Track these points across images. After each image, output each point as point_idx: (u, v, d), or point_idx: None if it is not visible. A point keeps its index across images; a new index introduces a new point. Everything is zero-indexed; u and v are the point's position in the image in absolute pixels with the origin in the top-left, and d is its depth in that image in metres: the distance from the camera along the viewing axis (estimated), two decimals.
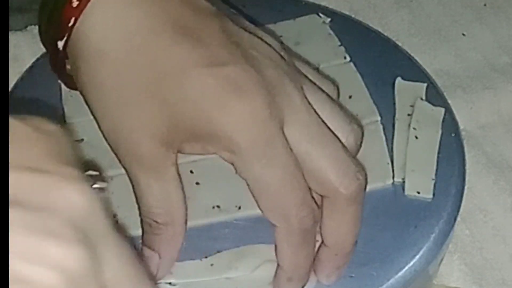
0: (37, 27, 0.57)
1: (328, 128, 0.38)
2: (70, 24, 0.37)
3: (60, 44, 0.37)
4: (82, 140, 0.44)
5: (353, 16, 0.56)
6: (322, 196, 0.37)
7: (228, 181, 0.42)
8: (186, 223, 0.38)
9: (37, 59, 0.49)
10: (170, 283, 0.38)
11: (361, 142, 0.40)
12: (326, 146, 0.37)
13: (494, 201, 0.50)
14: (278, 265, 0.38)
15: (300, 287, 0.38)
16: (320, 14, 0.51)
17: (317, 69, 0.43)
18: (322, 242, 0.38)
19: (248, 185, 0.37)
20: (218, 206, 0.41)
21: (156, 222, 0.37)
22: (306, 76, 0.40)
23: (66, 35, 0.37)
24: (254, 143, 0.36)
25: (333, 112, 0.39)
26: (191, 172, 0.42)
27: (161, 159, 0.37)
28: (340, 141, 0.38)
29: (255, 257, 0.39)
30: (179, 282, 0.38)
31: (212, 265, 0.39)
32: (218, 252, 0.39)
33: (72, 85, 0.41)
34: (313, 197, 0.37)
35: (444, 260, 0.44)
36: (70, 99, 0.46)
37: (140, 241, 0.40)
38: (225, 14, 0.39)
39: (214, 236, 0.40)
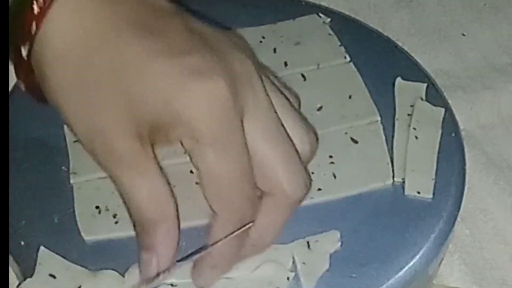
0: None
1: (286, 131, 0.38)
2: (32, 31, 0.36)
3: (24, 51, 0.37)
4: None
5: (353, 16, 0.56)
6: (263, 192, 0.37)
7: None
8: (178, 217, 0.37)
9: None
10: (171, 284, 0.38)
11: (313, 155, 0.40)
12: (281, 147, 0.37)
13: (494, 201, 0.50)
14: (205, 249, 0.37)
15: (220, 275, 0.38)
16: (320, 14, 0.51)
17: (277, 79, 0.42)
18: None
19: (199, 173, 0.36)
20: None
21: (148, 221, 0.36)
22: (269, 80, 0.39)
23: (29, 42, 0.36)
24: (215, 131, 0.35)
25: (292, 118, 0.39)
26: (191, 172, 0.42)
27: (138, 154, 0.36)
28: (295, 146, 0.38)
29: (255, 257, 0.39)
30: (180, 282, 0.38)
31: None
32: None
33: (39, 97, 0.40)
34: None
35: (444, 260, 0.44)
36: None
37: None
38: (187, 13, 0.39)
39: None
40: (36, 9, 0.35)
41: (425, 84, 0.47)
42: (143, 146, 0.36)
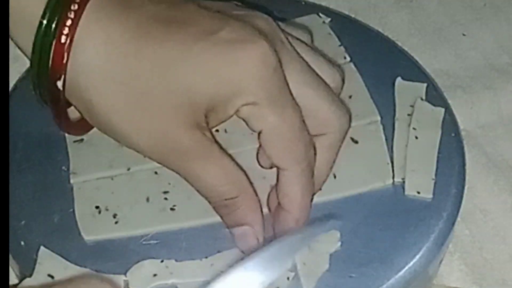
0: None
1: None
2: (64, 61, 0.36)
3: (60, 83, 0.37)
4: (82, 140, 0.44)
5: (353, 16, 0.56)
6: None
7: None
8: (252, 185, 0.39)
9: None
10: (171, 284, 0.38)
11: (341, 88, 0.43)
12: (320, 89, 0.40)
13: (494, 201, 0.50)
14: (282, 211, 0.39)
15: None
16: (320, 14, 0.51)
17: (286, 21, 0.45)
18: None
19: (260, 135, 0.38)
20: None
21: (228, 199, 0.38)
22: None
23: (63, 74, 0.36)
24: (270, 91, 0.37)
25: (316, 58, 0.41)
26: None
27: (201, 143, 0.37)
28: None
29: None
30: (180, 282, 0.38)
31: (212, 265, 0.39)
32: (218, 252, 0.39)
33: (76, 132, 0.42)
34: None
35: (444, 260, 0.44)
36: None
37: (142, 240, 0.40)
38: None
39: (214, 236, 0.40)
40: (63, 39, 0.36)
41: (425, 84, 0.47)
42: (203, 134, 0.37)
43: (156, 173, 0.42)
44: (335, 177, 0.42)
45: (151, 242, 0.40)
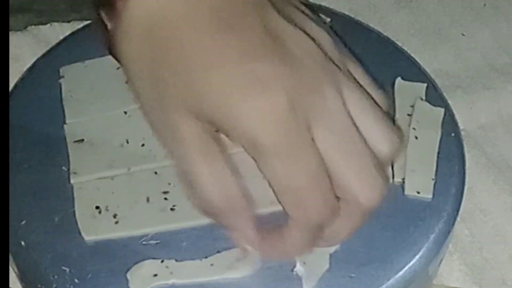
0: (37, 27, 0.57)
1: (362, 137, 0.37)
2: (119, 10, 0.37)
3: (109, 26, 0.38)
4: (82, 140, 0.44)
5: (353, 16, 0.56)
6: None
7: None
8: (247, 195, 0.38)
9: (37, 59, 0.49)
10: (171, 284, 0.38)
11: (395, 154, 0.39)
12: (353, 157, 0.36)
13: (494, 201, 0.50)
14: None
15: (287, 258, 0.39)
16: (320, 14, 0.51)
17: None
18: None
19: (267, 179, 0.36)
20: None
21: (215, 207, 0.37)
22: (355, 80, 0.39)
23: (115, 19, 0.38)
24: (277, 143, 0.35)
25: (371, 117, 0.38)
26: None
27: (202, 139, 0.37)
28: (371, 152, 0.37)
29: (255, 257, 0.39)
30: (179, 282, 0.38)
31: (212, 265, 0.39)
32: (218, 252, 0.39)
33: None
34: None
35: (444, 260, 0.44)
36: (70, 99, 0.46)
37: (142, 240, 0.40)
38: (273, 2, 0.38)
39: (214, 236, 0.40)
40: None
41: (425, 84, 0.47)
42: (205, 133, 0.37)
43: (156, 173, 0.42)
44: None
45: (151, 242, 0.40)
